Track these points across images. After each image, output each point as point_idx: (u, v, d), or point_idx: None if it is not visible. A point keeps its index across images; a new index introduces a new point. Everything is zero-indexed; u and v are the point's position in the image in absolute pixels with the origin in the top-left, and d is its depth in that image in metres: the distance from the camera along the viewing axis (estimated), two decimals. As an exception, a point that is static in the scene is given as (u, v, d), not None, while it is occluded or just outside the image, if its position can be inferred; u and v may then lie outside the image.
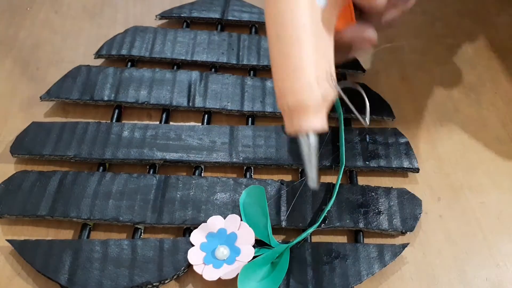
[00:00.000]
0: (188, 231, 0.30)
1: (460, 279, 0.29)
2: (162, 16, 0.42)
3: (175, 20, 0.43)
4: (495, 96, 0.39)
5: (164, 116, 0.36)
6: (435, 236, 0.31)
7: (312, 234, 0.30)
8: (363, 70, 0.39)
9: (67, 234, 0.30)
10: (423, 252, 0.30)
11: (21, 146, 0.33)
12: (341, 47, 0.27)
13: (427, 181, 0.34)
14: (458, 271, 0.30)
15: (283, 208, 0.30)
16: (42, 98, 0.35)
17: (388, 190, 0.32)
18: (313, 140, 0.25)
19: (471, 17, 0.45)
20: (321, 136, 0.34)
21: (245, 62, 0.39)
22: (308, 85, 0.24)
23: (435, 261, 0.30)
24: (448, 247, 0.31)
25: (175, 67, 0.39)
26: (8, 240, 0.29)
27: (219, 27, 0.42)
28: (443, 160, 0.35)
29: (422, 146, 0.35)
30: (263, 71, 0.40)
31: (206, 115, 0.36)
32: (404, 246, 0.29)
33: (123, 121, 0.36)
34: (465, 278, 0.29)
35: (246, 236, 0.29)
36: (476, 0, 0.47)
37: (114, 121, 0.35)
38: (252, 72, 0.39)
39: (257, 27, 0.43)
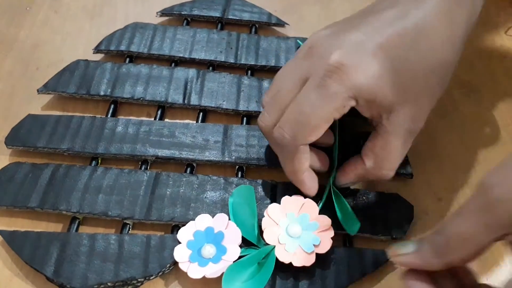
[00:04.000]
0: (176, 228, 0.30)
1: (460, 279, 0.29)
2: (163, 13, 0.42)
3: (175, 18, 0.43)
4: (495, 96, 0.39)
5: (159, 112, 0.36)
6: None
7: (300, 236, 0.30)
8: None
9: (56, 227, 0.30)
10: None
11: (16, 138, 0.33)
12: None
13: (428, 181, 0.33)
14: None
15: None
16: (39, 91, 0.36)
17: (379, 195, 0.32)
18: None
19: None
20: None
21: (243, 62, 0.39)
22: None
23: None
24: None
25: (172, 64, 0.39)
26: (-3, 231, 0.29)
27: (219, 25, 0.42)
28: (443, 160, 0.35)
29: (422, 146, 0.35)
30: (261, 71, 0.40)
31: (201, 113, 0.36)
32: (393, 251, 0.29)
33: (118, 117, 0.36)
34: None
35: (233, 236, 0.29)
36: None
37: (109, 116, 0.35)
38: (249, 71, 0.39)
39: (257, 27, 0.43)
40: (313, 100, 0.26)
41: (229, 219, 0.29)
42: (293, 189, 0.31)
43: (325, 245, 0.28)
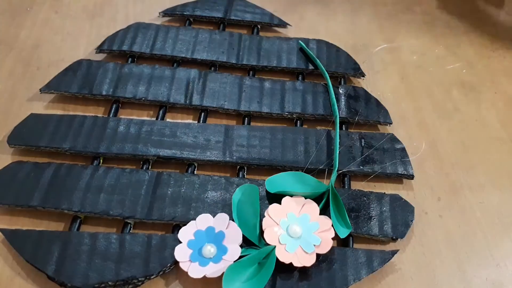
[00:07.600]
0: (177, 227, 0.30)
1: (460, 279, 0.29)
2: (165, 13, 0.43)
3: (177, 18, 0.43)
4: (495, 96, 0.39)
5: (160, 112, 0.36)
6: (435, 236, 0.31)
7: (301, 236, 0.30)
8: (363, 75, 0.39)
9: (58, 226, 0.30)
10: (423, 252, 0.30)
11: (19, 137, 0.33)
12: None
13: (427, 181, 0.34)
14: (458, 271, 0.29)
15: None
16: (41, 91, 0.36)
17: (380, 196, 0.32)
18: None
19: (471, 17, 0.45)
20: (316, 138, 0.34)
21: (244, 62, 0.39)
22: None
23: (435, 261, 0.30)
24: (448, 247, 0.30)
25: (174, 65, 0.39)
26: (-1, 229, 0.29)
27: (221, 26, 0.42)
28: (443, 160, 0.35)
29: (422, 146, 0.35)
30: (262, 72, 0.40)
31: (202, 113, 0.36)
32: (394, 252, 0.29)
33: (120, 116, 0.36)
34: (465, 278, 0.29)
35: (233, 235, 0.29)
36: (476, 0, 0.46)
37: (111, 115, 0.35)
38: (251, 72, 0.39)
39: (259, 28, 0.43)
40: None
41: (230, 219, 0.29)
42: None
43: (326, 246, 0.28)
